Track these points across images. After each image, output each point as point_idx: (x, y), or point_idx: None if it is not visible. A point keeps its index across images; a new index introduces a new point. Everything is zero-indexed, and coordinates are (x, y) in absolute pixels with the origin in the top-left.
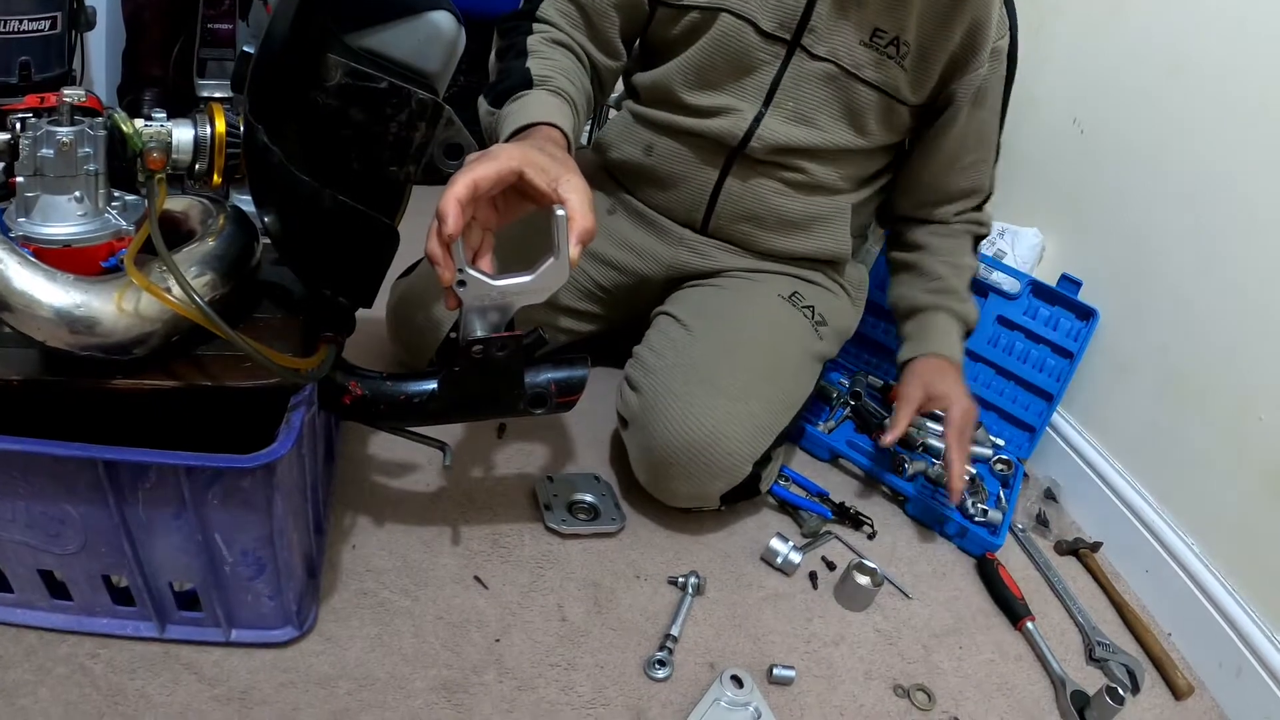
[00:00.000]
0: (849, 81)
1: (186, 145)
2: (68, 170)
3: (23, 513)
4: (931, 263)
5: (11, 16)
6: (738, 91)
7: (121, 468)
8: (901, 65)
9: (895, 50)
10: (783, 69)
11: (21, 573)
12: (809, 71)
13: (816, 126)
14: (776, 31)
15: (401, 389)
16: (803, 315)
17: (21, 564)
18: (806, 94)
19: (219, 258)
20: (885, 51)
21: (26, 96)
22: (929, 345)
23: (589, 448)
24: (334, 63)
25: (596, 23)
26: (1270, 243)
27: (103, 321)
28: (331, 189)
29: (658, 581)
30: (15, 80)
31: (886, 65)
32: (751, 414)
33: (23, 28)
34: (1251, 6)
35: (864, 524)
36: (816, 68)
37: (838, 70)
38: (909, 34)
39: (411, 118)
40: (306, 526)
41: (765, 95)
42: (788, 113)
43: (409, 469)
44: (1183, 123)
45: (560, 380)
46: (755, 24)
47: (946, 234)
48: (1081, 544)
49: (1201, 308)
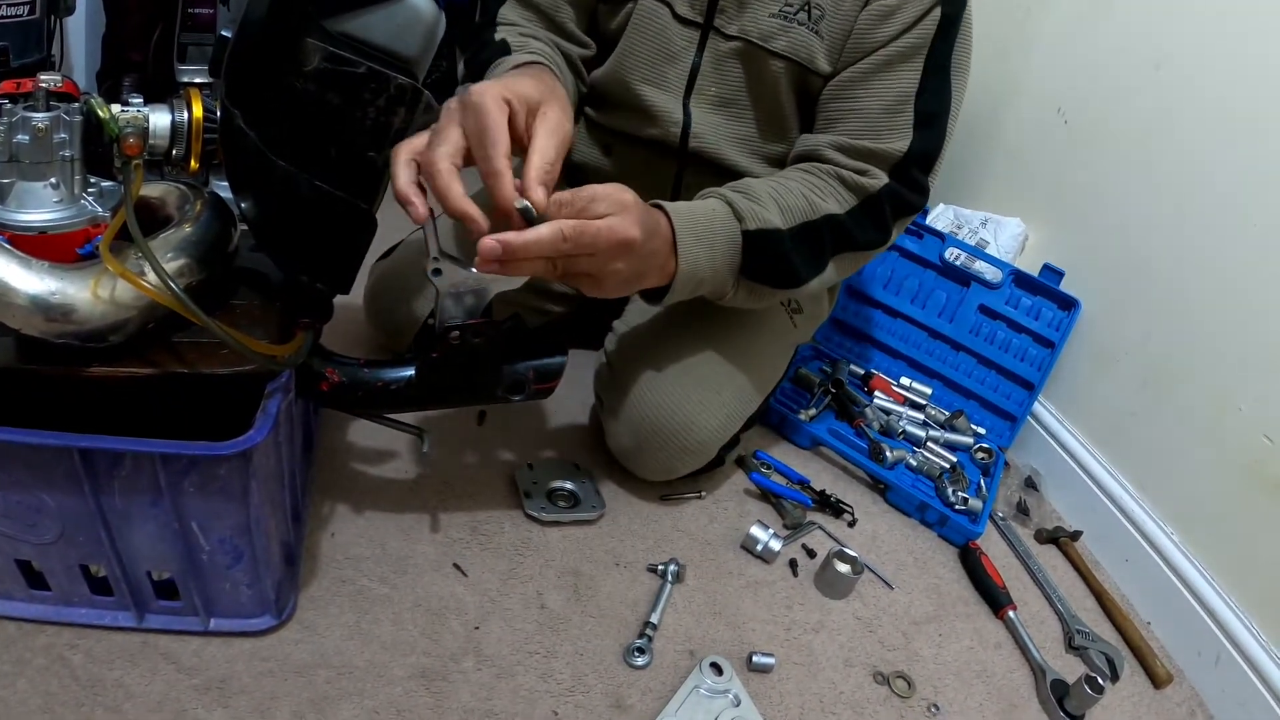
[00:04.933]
0: (759, 55)
1: (163, 130)
2: (43, 156)
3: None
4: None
5: None
6: (662, 83)
7: (97, 456)
8: (815, 31)
9: (807, 15)
10: (699, 54)
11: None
12: (723, 53)
13: (736, 108)
14: (689, 15)
15: (379, 375)
16: (779, 303)
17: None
18: (723, 76)
19: (195, 244)
20: (795, 18)
21: (2, 82)
22: None
23: (569, 435)
24: (312, 47)
25: (553, 17)
26: (1251, 234)
27: (78, 309)
28: (309, 174)
29: (637, 569)
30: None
31: (796, 31)
32: (723, 402)
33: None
34: (1234, 2)
35: (845, 512)
36: (729, 48)
37: (747, 45)
38: None
39: (390, 103)
40: (284, 514)
41: (686, 83)
42: (710, 99)
43: (388, 456)
44: (1166, 115)
45: (538, 367)
46: (671, 7)
47: (808, 169)
48: (1062, 533)
49: (1183, 299)
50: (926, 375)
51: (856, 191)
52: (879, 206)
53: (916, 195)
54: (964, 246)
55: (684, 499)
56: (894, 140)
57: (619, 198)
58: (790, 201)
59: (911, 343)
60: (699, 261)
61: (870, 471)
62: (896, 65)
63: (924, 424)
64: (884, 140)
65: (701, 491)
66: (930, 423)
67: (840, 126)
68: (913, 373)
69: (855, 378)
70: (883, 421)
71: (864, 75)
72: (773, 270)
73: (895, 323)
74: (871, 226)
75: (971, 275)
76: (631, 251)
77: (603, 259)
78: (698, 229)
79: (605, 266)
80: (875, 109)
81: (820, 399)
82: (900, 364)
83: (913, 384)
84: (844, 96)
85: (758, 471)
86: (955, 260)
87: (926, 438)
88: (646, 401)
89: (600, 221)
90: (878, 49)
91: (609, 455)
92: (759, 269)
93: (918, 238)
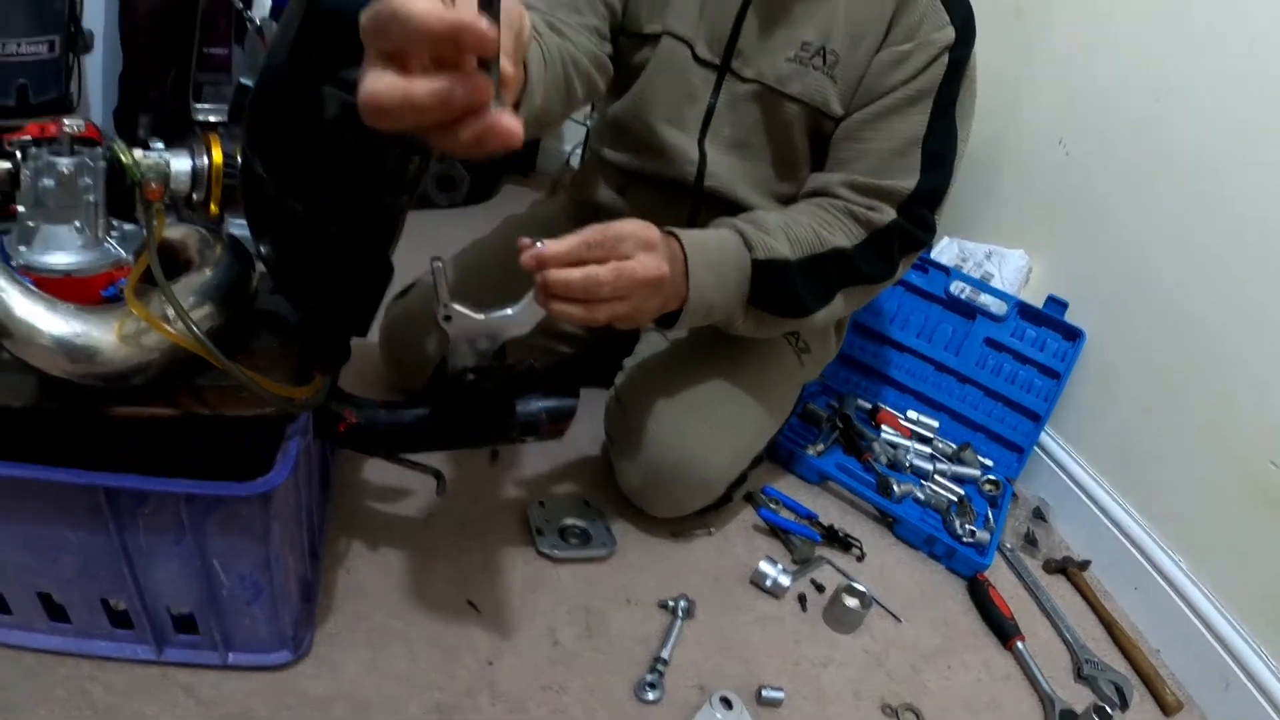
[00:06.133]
0: (775, 98)
1: (184, 175)
2: (68, 201)
3: (23, 535)
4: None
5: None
6: (679, 123)
7: (122, 494)
8: (830, 76)
9: (822, 60)
10: (715, 95)
11: (20, 595)
12: (740, 95)
13: (751, 148)
14: (708, 56)
15: (396, 417)
16: (787, 342)
17: (21, 586)
18: (739, 118)
19: (216, 288)
20: (811, 63)
21: (27, 124)
22: None
23: (580, 471)
24: (330, 94)
25: (584, 9)
26: (1252, 261)
27: (103, 351)
28: (327, 220)
29: (648, 605)
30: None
31: (811, 76)
32: (731, 442)
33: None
34: (1231, 31)
35: (853, 546)
36: (746, 90)
37: (763, 89)
38: (836, 41)
39: (405, 150)
40: (302, 551)
41: (702, 123)
42: (725, 140)
43: (402, 494)
44: (1166, 145)
45: (551, 409)
46: (692, 47)
47: (818, 205)
48: (1070, 562)
49: (1186, 327)
50: (933, 408)
51: (865, 226)
52: (886, 241)
53: (923, 232)
54: (969, 280)
55: (694, 535)
56: (902, 179)
57: (644, 235)
58: (799, 234)
59: (918, 376)
60: (709, 289)
61: (878, 505)
62: (905, 109)
63: (931, 457)
64: (893, 179)
65: (711, 528)
66: (937, 456)
67: (851, 166)
68: (920, 406)
69: (862, 412)
70: (890, 455)
71: (875, 117)
72: (780, 299)
73: (902, 357)
74: (878, 260)
75: (977, 308)
76: (661, 286)
77: (638, 298)
78: (709, 257)
79: (639, 304)
80: (885, 150)
81: (828, 434)
82: (907, 397)
83: (920, 417)
84: (855, 137)
85: (766, 507)
86: (960, 294)
87: (934, 471)
88: (656, 441)
89: (633, 262)
90: (889, 93)
91: (619, 492)
92: (767, 298)
93: (923, 272)
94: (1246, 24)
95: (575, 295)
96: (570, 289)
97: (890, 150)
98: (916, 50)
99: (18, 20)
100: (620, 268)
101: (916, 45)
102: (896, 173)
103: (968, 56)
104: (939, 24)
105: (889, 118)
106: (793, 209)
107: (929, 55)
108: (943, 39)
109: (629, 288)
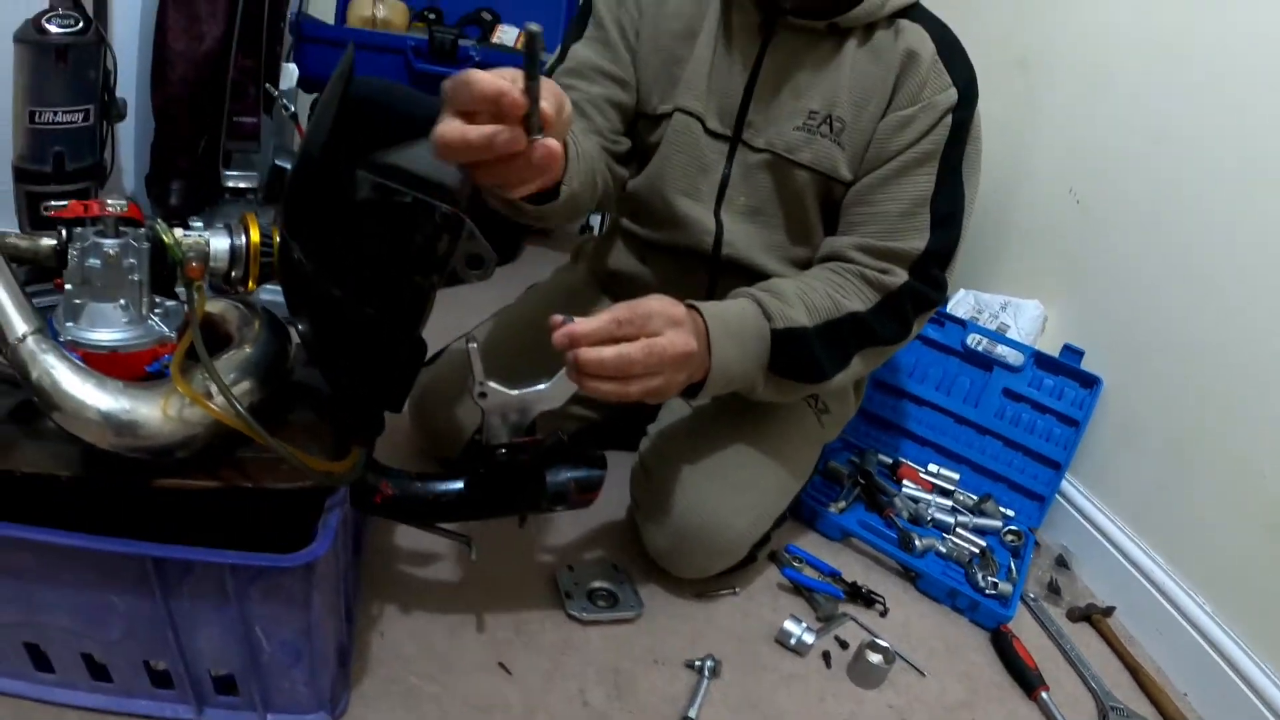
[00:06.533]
0: (786, 166)
1: (223, 254)
2: (114, 280)
3: (69, 600)
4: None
5: (47, 109)
6: (695, 194)
7: (168, 563)
8: (837, 142)
9: (829, 128)
10: (729, 165)
11: (64, 655)
12: (752, 164)
13: (765, 216)
14: (720, 129)
15: (430, 489)
16: (807, 404)
17: (65, 647)
18: (752, 187)
19: (257, 364)
20: (819, 131)
21: (70, 202)
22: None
23: (607, 535)
24: (362, 178)
25: (593, 114)
26: (1263, 301)
27: (148, 426)
28: (361, 299)
29: (675, 665)
30: (49, 169)
31: (819, 143)
32: (753, 505)
33: (57, 120)
34: (1231, 73)
35: (876, 602)
36: (758, 159)
37: (775, 157)
38: (841, 109)
39: (435, 230)
40: (339, 616)
41: (717, 193)
42: (739, 209)
43: (434, 558)
44: (1173, 187)
45: (580, 479)
46: (703, 121)
47: (833, 269)
48: (1094, 609)
49: (1201, 368)
50: (954, 461)
51: (879, 289)
52: (900, 303)
53: (935, 291)
54: (985, 332)
55: (719, 595)
56: (913, 240)
57: (671, 313)
58: (816, 301)
59: (938, 429)
60: (730, 359)
61: (901, 561)
62: (913, 170)
63: (953, 510)
64: (903, 240)
65: (736, 588)
66: (959, 508)
67: (862, 229)
68: (940, 459)
69: (883, 467)
70: (912, 510)
71: (883, 181)
72: (800, 366)
73: (922, 410)
74: (893, 322)
75: (994, 360)
76: (690, 360)
77: (668, 373)
78: (729, 328)
79: (669, 378)
80: (894, 212)
81: (849, 491)
82: (928, 451)
83: (940, 470)
84: (865, 201)
85: (790, 566)
86: (977, 346)
87: (955, 524)
88: (680, 507)
89: (663, 339)
90: (895, 156)
91: (646, 554)
92: (787, 365)
93: (940, 326)
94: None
95: (608, 373)
96: (604, 367)
97: (899, 212)
98: (921, 113)
99: (54, 91)
100: (651, 345)
101: (921, 108)
102: (906, 234)
103: (971, 116)
104: (941, 86)
105: (897, 180)
106: (808, 275)
107: (933, 118)
108: (945, 101)
109: (660, 364)
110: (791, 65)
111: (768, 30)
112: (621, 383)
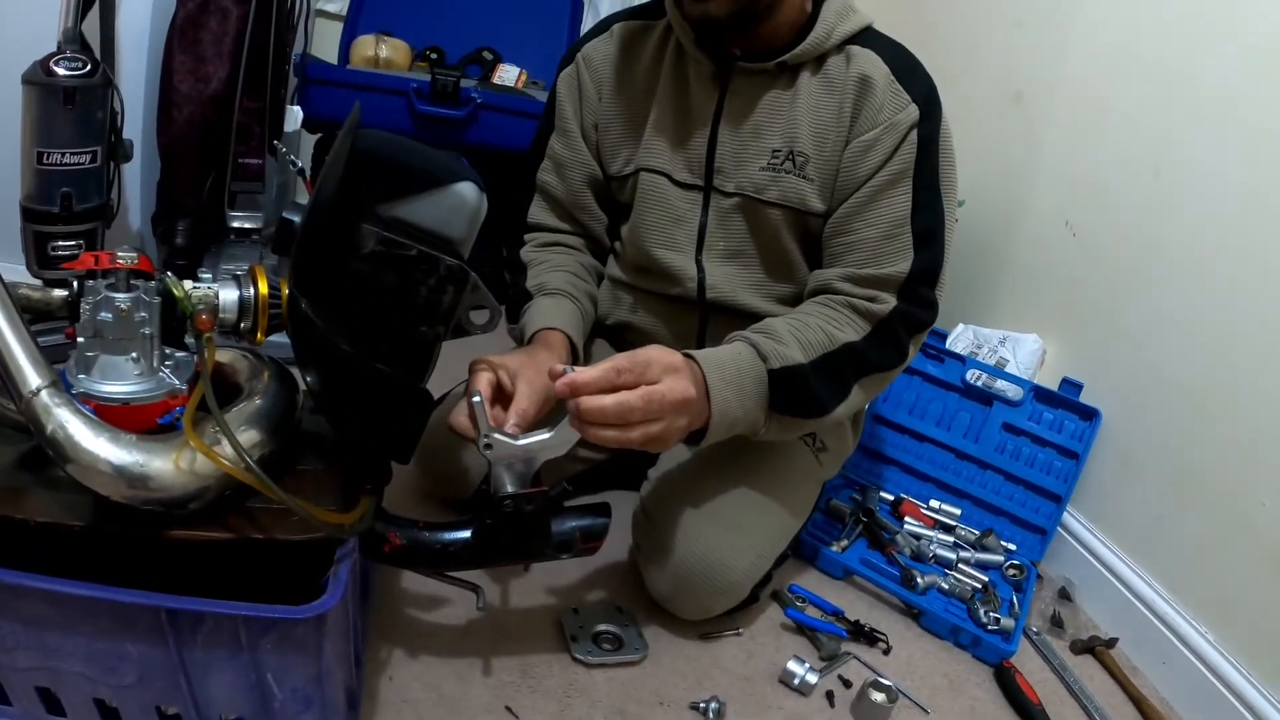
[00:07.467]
0: (757, 207)
1: (232, 306)
2: (125, 333)
3: (83, 648)
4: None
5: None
6: (674, 245)
7: (182, 614)
8: (803, 176)
9: (793, 164)
10: (705, 213)
11: (76, 699)
12: (726, 209)
13: (745, 257)
14: (690, 180)
15: (438, 538)
16: (804, 443)
17: (78, 691)
18: (728, 231)
19: (266, 416)
20: (783, 168)
21: (81, 254)
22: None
23: (610, 578)
24: (368, 232)
25: (573, 205)
26: (1260, 330)
27: (161, 479)
28: (368, 353)
29: (680, 707)
30: (57, 209)
31: (786, 180)
32: (754, 546)
33: (64, 161)
34: (1227, 107)
35: (879, 640)
36: (730, 204)
37: (745, 200)
38: (802, 143)
39: (440, 282)
40: (349, 662)
41: (696, 241)
42: (720, 253)
43: (440, 603)
44: (1170, 220)
45: (585, 528)
46: (669, 176)
47: (822, 303)
48: (1097, 641)
49: (1199, 399)
50: (955, 496)
51: (869, 318)
52: (892, 328)
53: (926, 311)
54: (984, 367)
55: (723, 636)
56: (896, 263)
57: (668, 361)
58: (809, 336)
59: (939, 465)
60: (730, 404)
61: (903, 598)
62: (886, 193)
63: (954, 545)
64: (887, 265)
65: (739, 628)
66: (961, 544)
67: (845, 259)
68: (942, 494)
69: (885, 504)
70: (914, 547)
71: (858, 208)
72: (800, 402)
73: (922, 446)
74: (888, 348)
75: (993, 395)
76: (689, 406)
77: (668, 419)
78: (726, 374)
79: (669, 425)
80: (873, 237)
81: (851, 529)
82: (929, 486)
83: (942, 506)
84: (844, 231)
85: (792, 606)
86: (976, 381)
87: (958, 559)
88: (681, 550)
89: (662, 386)
90: (866, 181)
91: (649, 597)
92: (787, 403)
93: (939, 362)
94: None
95: (609, 420)
96: (605, 415)
97: (878, 236)
98: (884, 135)
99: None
100: (650, 392)
101: (883, 130)
102: (889, 258)
103: (937, 130)
104: (901, 105)
105: (871, 205)
106: (800, 311)
107: (897, 137)
108: (907, 119)
109: (659, 410)
110: (750, 108)
111: (723, 78)
112: (622, 429)
